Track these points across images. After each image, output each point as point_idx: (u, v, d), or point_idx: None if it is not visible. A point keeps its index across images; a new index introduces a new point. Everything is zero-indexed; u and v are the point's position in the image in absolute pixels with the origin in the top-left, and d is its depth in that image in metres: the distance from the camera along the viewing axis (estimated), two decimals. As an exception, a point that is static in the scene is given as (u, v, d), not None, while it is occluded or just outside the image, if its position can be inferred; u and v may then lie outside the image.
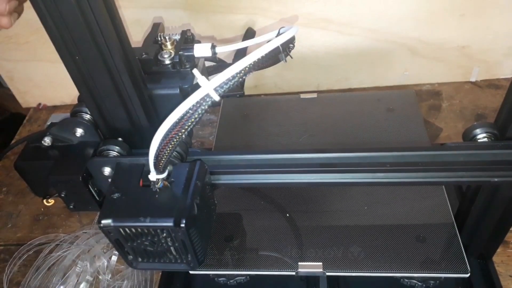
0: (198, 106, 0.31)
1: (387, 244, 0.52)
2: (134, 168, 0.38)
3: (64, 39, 0.33)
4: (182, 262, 0.39)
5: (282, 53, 0.37)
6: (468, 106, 0.78)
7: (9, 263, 0.65)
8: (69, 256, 0.63)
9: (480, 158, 0.39)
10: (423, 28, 0.74)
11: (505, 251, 0.59)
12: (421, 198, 0.56)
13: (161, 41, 0.42)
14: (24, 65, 0.85)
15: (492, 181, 0.39)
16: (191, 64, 0.42)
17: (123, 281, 0.61)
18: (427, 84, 0.83)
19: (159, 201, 0.36)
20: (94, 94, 0.38)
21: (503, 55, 0.77)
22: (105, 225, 0.36)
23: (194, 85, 0.40)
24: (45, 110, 0.93)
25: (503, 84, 0.80)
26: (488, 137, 0.42)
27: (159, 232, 0.36)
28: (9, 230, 0.72)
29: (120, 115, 0.40)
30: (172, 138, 0.33)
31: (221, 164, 0.41)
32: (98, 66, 0.35)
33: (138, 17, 0.75)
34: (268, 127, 0.67)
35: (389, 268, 0.50)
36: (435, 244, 0.51)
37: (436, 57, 0.78)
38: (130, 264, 0.40)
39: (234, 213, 0.58)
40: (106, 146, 0.40)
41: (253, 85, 0.86)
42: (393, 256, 0.51)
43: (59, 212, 0.73)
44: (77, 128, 0.42)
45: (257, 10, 0.73)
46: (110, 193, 0.37)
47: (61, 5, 0.31)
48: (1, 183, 0.79)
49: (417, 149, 0.40)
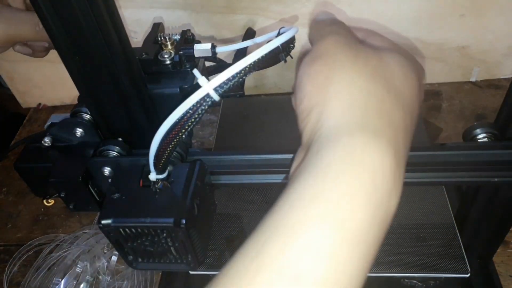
0: (198, 106, 0.31)
1: (387, 244, 0.52)
2: (134, 168, 0.38)
3: (64, 39, 0.33)
4: (182, 262, 0.39)
5: (282, 53, 0.37)
6: (468, 106, 0.78)
7: (9, 263, 0.65)
8: (69, 256, 0.63)
9: (480, 158, 0.39)
10: (423, 28, 0.74)
11: (505, 251, 0.59)
12: (421, 198, 0.56)
13: (161, 41, 0.42)
14: (24, 65, 0.85)
15: (492, 181, 0.39)
16: (191, 64, 0.41)
17: (123, 281, 0.61)
18: (427, 84, 0.83)
19: (159, 201, 0.36)
20: (94, 94, 0.38)
21: (503, 55, 0.77)
22: (105, 225, 0.35)
23: (194, 85, 0.40)
24: (45, 110, 0.93)
25: (503, 84, 0.80)
26: (488, 137, 0.42)
27: (159, 232, 0.36)
28: (9, 230, 0.72)
29: (120, 115, 0.40)
30: (172, 138, 0.32)
31: (221, 164, 0.41)
32: (98, 66, 0.35)
33: (138, 17, 0.75)
34: (268, 127, 0.67)
35: (389, 268, 0.50)
36: (435, 244, 0.51)
37: (436, 57, 0.78)
38: (130, 264, 0.40)
39: (234, 213, 0.58)
40: (106, 146, 0.40)
41: (253, 85, 0.86)
42: (393, 256, 0.51)
43: (59, 212, 0.73)
44: (77, 128, 0.42)
45: (257, 10, 0.73)
46: (110, 193, 0.37)
47: (61, 5, 0.31)
48: (1, 183, 0.79)
49: (417, 149, 0.40)
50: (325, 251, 0.22)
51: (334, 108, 0.26)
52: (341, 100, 0.26)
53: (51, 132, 0.42)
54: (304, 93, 0.28)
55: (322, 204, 0.23)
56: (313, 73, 0.28)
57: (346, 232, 0.22)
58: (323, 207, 0.23)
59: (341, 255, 0.22)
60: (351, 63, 0.27)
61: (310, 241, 0.22)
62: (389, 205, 0.24)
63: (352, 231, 0.22)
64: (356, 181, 0.23)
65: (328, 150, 0.25)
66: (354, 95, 0.26)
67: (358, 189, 0.23)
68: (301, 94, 0.28)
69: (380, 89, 0.27)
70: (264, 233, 0.24)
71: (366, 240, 0.23)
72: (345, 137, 0.25)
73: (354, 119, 0.25)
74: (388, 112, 0.26)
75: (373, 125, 0.25)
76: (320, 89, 0.27)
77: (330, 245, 0.22)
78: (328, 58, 0.28)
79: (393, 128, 0.26)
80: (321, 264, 0.21)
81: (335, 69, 0.27)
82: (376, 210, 0.23)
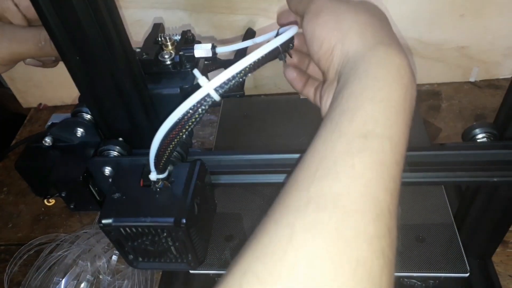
0: (199, 106, 0.32)
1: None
2: (135, 168, 0.38)
3: (64, 40, 0.33)
4: (182, 261, 0.39)
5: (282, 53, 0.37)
6: (467, 106, 0.78)
7: (9, 263, 0.65)
8: (70, 256, 0.63)
9: (479, 158, 0.39)
10: (423, 28, 0.74)
11: (504, 251, 0.60)
12: (421, 198, 0.56)
13: (161, 42, 0.42)
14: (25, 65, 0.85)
15: (492, 181, 0.40)
16: (191, 64, 0.42)
17: (123, 280, 0.61)
18: (426, 84, 0.83)
19: (160, 201, 0.36)
20: (94, 94, 0.38)
21: (502, 56, 0.78)
22: (106, 225, 0.36)
23: (194, 85, 0.40)
24: (45, 110, 0.93)
25: (503, 84, 0.81)
26: (488, 137, 0.42)
27: (160, 232, 0.36)
28: (10, 230, 0.72)
29: (121, 115, 0.40)
30: (173, 138, 0.33)
31: (221, 164, 0.41)
32: (99, 66, 0.35)
33: (138, 17, 0.75)
34: (268, 127, 0.67)
35: (388, 268, 0.50)
36: (435, 244, 0.51)
37: (436, 57, 0.78)
38: (131, 264, 0.40)
39: (234, 213, 0.58)
40: (107, 146, 0.40)
41: (253, 86, 0.86)
42: (393, 255, 0.51)
43: (60, 212, 0.73)
44: (77, 128, 0.42)
45: (258, 11, 0.73)
46: (111, 193, 0.37)
47: (61, 6, 0.31)
48: (2, 183, 0.79)
49: (416, 149, 0.40)
50: (380, 117, 0.29)
51: (352, 38, 0.34)
52: (355, 31, 0.34)
53: (51, 132, 0.42)
54: (322, 39, 0.35)
55: (370, 89, 0.30)
56: (322, 23, 0.36)
57: (390, 102, 0.30)
58: (371, 91, 0.30)
59: (391, 119, 0.29)
60: (345, 7, 0.36)
61: (368, 113, 0.29)
62: (412, 90, 0.32)
63: (393, 104, 0.30)
64: (389, 74, 0.31)
65: (361, 63, 0.32)
66: (362, 25, 0.34)
67: (392, 79, 0.31)
68: (319, 41, 0.35)
69: (372, 18, 0.36)
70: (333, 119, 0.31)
71: (404, 109, 0.31)
72: (370, 51, 0.33)
73: (371, 40, 0.33)
74: (386, 31, 0.35)
75: (385, 40, 0.34)
76: (335, 30, 0.35)
77: (381, 113, 0.29)
78: (328, 9, 0.36)
79: (395, 39, 0.35)
80: (379, 125, 0.29)
81: (339, 13, 0.35)
82: (406, 91, 0.31)
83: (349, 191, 0.26)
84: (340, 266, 0.24)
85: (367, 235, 0.25)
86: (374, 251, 0.25)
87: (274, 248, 0.25)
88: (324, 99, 0.36)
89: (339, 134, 0.29)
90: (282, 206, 0.27)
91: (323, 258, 0.24)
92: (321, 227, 0.25)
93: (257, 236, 0.26)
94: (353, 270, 0.24)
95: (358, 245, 0.25)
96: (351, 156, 0.27)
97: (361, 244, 0.25)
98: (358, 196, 0.26)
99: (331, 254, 0.24)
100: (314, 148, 0.30)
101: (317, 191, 0.26)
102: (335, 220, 0.25)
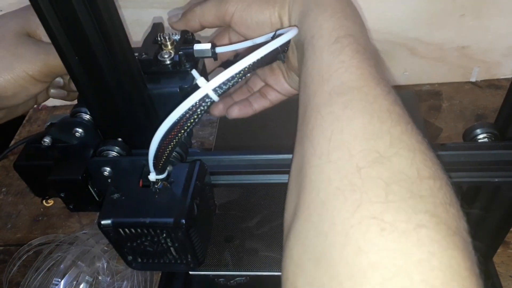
0: (198, 107, 0.31)
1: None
2: (134, 169, 0.38)
3: (63, 39, 0.33)
4: (182, 262, 0.39)
5: (281, 54, 0.37)
6: (468, 106, 0.78)
7: (8, 264, 0.65)
8: (69, 257, 0.63)
9: (480, 159, 0.39)
10: (423, 28, 0.74)
11: (505, 252, 0.59)
12: (421, 199, 0.56)
13: (161, 41, 0.42)
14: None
15: (493, 181, 0.39)
16: (191, 64, 0.41)
17: (122, 281, 0.61)
18: (427, 84, 0.83)
19: (159, 201, 0.36)
20: (93, 94, 0.38)
21: (503, 56, 0.77)
22: (105, 226, 0.35)
23: (194, 85, 0.40)
24: (44, 110, 0.93)
25: (503, 84, 0.80)
26: (488, 137, 0.42)
27: (159, 233, 0.35)
28: (9, 231, 0.72)
29: (120, 116, 0.40)
30: (172, 139, 0.32)
31: (221, 164, 0.41)
32: (98, 66, 0.35)
33: (137, 17, 0.75)
34: (268, 127, 0.67)
35: (389, 269, 0.50)
36: (435, 244, 0.51)
37: (436, 57, 0.78)
38: (130, 265, 0.40)
39: (234, 213, 0.58)
40: (106, 146, 0.40)
41: (253, 86, 0.85)
42: (393, 256, 0.51)
43: (59, 213, 0.73)
44: (76, 129, 0.42)
45: (257, 10, 0.73)
46: (110, 193, 0.37)
47: (60, 5, 0.31)
48: (1, 183, 0.79)
49: (417, 149, 0.40)
50: (346, 29, 0.36)
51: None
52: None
53: (50, 132, 0.42)
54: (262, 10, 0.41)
55: (328, 19, 0.37)
56: (252, 4, 0.42)
57: (349, 21, 0.38)
58: (330, 20, 0.36)
59: (355, 29, 0.37)
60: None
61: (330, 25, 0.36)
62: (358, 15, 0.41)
63: (350, 24, 0.37)
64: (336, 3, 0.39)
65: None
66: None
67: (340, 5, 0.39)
68: (263, 15, 0.41)
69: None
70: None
71: (360, 23, 0.40)
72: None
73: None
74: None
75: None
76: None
77: (348, 27, 0.36)
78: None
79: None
80: (344, 28, 0.36)
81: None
82: (355, 17, 0.40)
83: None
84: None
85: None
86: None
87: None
88: (290, 53, 0.41)
89: (320, 52, 0.35)
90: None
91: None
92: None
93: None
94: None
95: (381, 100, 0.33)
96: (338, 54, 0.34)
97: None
98: (359, 74, 0.33)
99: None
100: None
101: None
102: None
